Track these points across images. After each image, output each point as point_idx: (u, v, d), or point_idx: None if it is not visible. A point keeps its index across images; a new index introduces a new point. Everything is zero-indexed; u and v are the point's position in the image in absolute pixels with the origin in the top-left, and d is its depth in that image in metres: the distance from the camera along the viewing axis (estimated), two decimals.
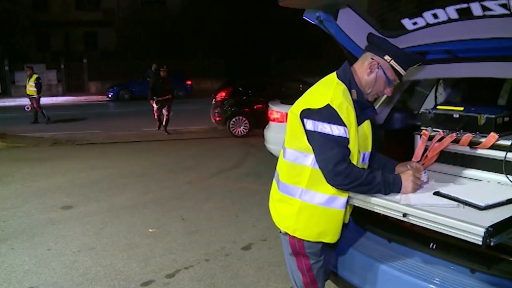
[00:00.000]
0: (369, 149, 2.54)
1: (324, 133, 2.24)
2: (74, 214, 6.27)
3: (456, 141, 2.92)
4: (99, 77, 29.60)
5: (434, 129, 3.15)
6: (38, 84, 15.57)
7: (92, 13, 36.82)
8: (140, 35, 33.02)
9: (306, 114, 2.30)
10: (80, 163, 9.51)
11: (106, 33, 36.77)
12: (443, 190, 2.37)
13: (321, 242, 2.43)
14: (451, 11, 2.61)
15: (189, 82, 27.21)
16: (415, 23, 2.89)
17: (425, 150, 3.07)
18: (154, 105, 13.13)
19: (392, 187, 2.30)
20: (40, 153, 10.94)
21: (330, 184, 2.27)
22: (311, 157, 2.32)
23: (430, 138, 3.08)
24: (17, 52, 30.77)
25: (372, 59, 2.38)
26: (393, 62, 2.33)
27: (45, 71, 28.54)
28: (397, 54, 2.34)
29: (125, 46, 33.48)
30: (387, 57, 2.33)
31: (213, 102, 13.60)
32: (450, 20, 2.68)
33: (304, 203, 2.36)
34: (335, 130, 2.23)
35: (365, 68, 2.39)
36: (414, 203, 2.19)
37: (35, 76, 15.83)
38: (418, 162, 2.81)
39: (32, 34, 34.20)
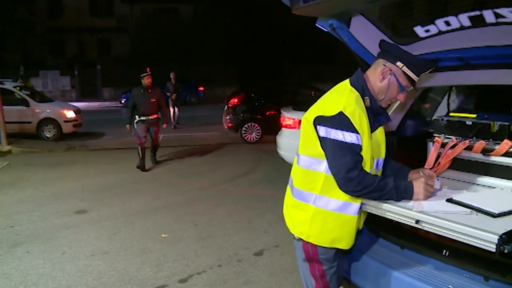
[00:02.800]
0: (383, 156, 2.55)
1: (337, 140, 2.26)
2: (88, 219, 6.33)
3: (469, 148, 2.92)
4: (112, 83, 29.84)
5: (447, 136, 3.15)
6: None
7: (106, 20, 37.18)
8: (153, 42, 33.24)
9: (319, 121, 2.32)
10: (93, 168, 9.59)
11: (120, 39, 37.10)
12: (456, 197, 2.37)
13: (335, 248, 2.44)
14: (464, 19, 2.62)
15: (201, 88, 27.34)
16: (427, 31, 2.90)
17: (438, 157, 3.07)
18: (132, 132, 9.37)
19: (404, 194, 2.31)
20: (54, 158, 11.07)
21: (343, 191, 2.29)
22: (325, 163, 2.33)
23: (443, 145, 3.08)
24: (32, 58, 31.19)
25: (384, 65, 2.39)
26: (405, 68, 2.34)
27: (59, 77, 28.89)
28: (409, 60, 2.35)
29: (138, 52, 33.73)
30: (399, 64, 2.35)
31: (226, 108, 13.64)
32: (462, 28, 2.69)
33: (318, 209, 2.37)
34: (348, 137, 2.25)
35: (378, 75, 2.40)
36: (427, 210, 2.19)
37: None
38: (430, 169, 2.81)
39: (47, 40, 34.68)
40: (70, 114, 14.03)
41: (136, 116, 9.20)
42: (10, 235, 5.68)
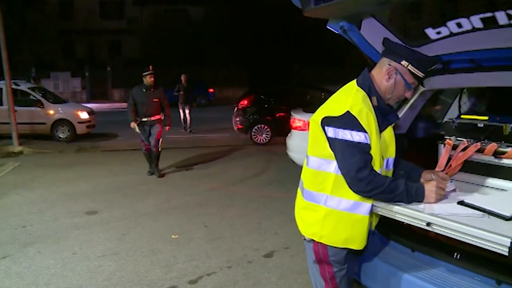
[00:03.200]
0: (393, 155, 2.55)
1: (345, 140, 2.26)
2: (98, 219, 6.37)
3: (480, 151, 2.90)
4: (123, 85, 29.97)
5: (458, 138, 3.13)
6: None
7: (116, 21, 37.49)
8: (163, 44, 33.38)
9: (327, 121, 2.33)
10: (104, 169, 9.65)
11: (130, 41, 37.39)
12: (468, 199, 2.36)
13: (347, 249, 2.43)
14: (476, 20, 2.61)
15: (211, 90, 27.42)
16: (438, 33, 2.89)
17: (449, 159, 3.05)
18: (136, 129, 8.68)
19: (415, 197, 2.31)
20: (65, 159, 11.17)
21: (353, 191, 2.29)
22: (334, 163, 2.34)
23: (454, 148, 3.06)
24: (44, 60, 31.48)
25: (389, 65, 2.40)
26: (410, 67, 2.34)
27: (70, 79, 29.11)
28: (414, 58, 2.35)
29: (148, 54, 33.86)
30: (404, 62, 2.35)
31: (235, 110, 13.66)
32: (474, 29, 2.68)
33: (329, 210, 2.37)
34: (356, 136, 2.25)
35: (383, 75, 2.41)
36: (438, 212, 2.19)
37: None
38: (441, 171, 2.80)
39: (58, 42, 35.00)
40: (84, 115, 14.14)
41: (137, 118, 8.61)
42: (22, 235, 5.73)
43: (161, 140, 8.87)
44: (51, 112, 13.80)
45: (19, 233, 5.80)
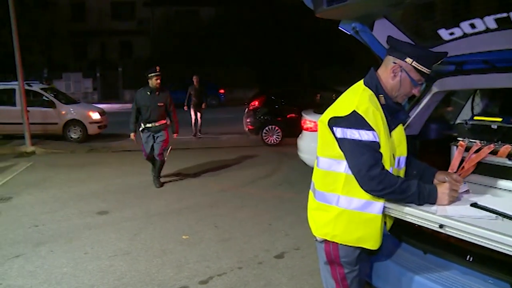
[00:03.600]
0: (405, 154, 2.54)
1: (354, 139, 2.27)
2: (110, 220, 6.41)
3: (494, 153, 2.88)
4: (134, 85, 30.04)
5: (471, 140, 3.11)
6: None
7: (127, 22, 37.67)
8: (174, 44, 33.50)
9: (334, 122, 2.34)
10: (115, 170, 9.70)
11: (141, 42, 37.53)
12: (481, 202, 2.35)
13: (360, 249, 2.43)
14: (490, 21, 2.58)
15: (222, 91, 27.46)
16: (452, 33, 2.86)
17: (462, 161, 3.03)
18: (141, 136, 8.13)
19: (427, 199, 2.30)
20: (76, 159, 11.26)
21: (364, 190, 2.29)
22: (344, 163, 2.34)
23: (467, 149, 3.04)
24: (56, 61, 31.75)
25: (394, 63, 2.40)
26: (415, 63, 2.34)
27: (81, 79, 29.31)
28: (419, 55, 2.34)
29: (159, 55, 34.02)
30: (408, 60, 2.35)
31: (246, 111, 13.66)
32: (488, 30, 2.65)
33: (341, 209, 2.37)
34: (364, 135, 2.25)
35: (389, 73, 2.42)
36: (451, 214, 2.17)
37: None
38: (454, 173, 2.78)
39: (70, 43, 35.29)
40: (96, 115, 14.23)
41: (141, 124, 8.02)
42: (35, 234, 5.79)
43: (169, 148, 8.38)
44: (63, 112, 13.92)
45: (32, 232, 5.86)
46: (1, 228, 6.01)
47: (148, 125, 7.95)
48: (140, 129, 8.02)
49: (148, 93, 7.92)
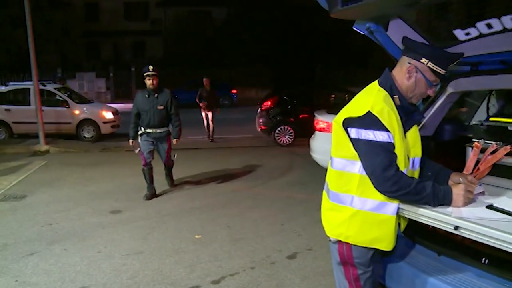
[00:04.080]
0: (419, 155, 2.53)
1: (368, 140, 2.26)
2: (123, 219, 6.44)
3: (510, 154, 2.85)
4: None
5: (487, 141, 3.08)
6: None
7: (140, 23, 37.94)
8: (186, 45, 33.63)
9: (349, 122, 2.34)
10: (128, 169, 9.73)
11: (154, 42, 37.78)
12: (497, 203, 2.33)
13: (373, 250, 2.42)
14: (507, 21, 2.56)
15: (234, 91, 27.51)
16: (467, 34, 2.84)
17: (477, 162, 3.00)
18: (139, 141, 7.44)
19: (442, 200, 2.28)
20: (90, 159, 11.34)
21: (378, 191, 2.28)
22: (359, 164, 2.34)
23: (483, 151, 3.01)
24: (69, 61, 32.05)
25: (409, 63, 2.38)
26: (430, 64, 2.32)
27: (94, 79, 29.50)
28: (434, 55, 2.33)
29: (171, 55, 34.19)
30: (424, 60, 2.33)
31: (259, 111, 13.65)
32: (505, 30, 2.63)
33: (355, 210, 2.37)
34: (379, 136, 2.25)
35: (404, 73, 2.40)
36: (467, 216, 2.15)
37: None
38: (469, 174, 2.75)
39: (83, 43, 35.63)
40: (109, 115, 14.32)
41: (142, 128, 7.31)
42: (49, 232, 5.84)
43: (175, 155, 7.96)
44: (77, 112, 14.00)
45: (46, 230, 5.91)
46: (16, 225, 6.09)
47: (149, 130, 7.28)
48: (140, 133, 7.34)
49: (147, 95, 7.26)
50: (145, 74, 7.15)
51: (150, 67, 7.15)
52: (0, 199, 7.43)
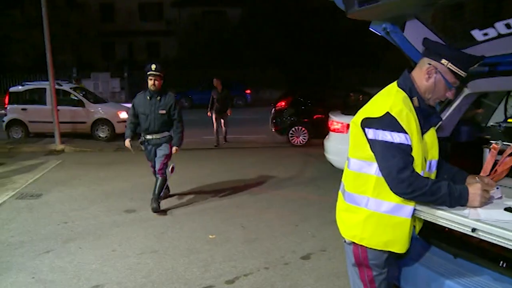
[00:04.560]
0: (436, 157, 2.51)
1: (385, 141, 2.24)
2: (137, 218, 6.48)
3: None
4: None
5: (505, 143, 3.04)
6: None
7: (155, 23, 38.17)
8: (201, 45, 33.73)
9: (367, 123, 2.32)
10: (142, 169, 9.73)
11: (168, 42, 37.96)
12: None
13: (388, 252, 2.41)
14: None
15: (248, 92, 27.53)
16: (485, 34, 2.81)
17: (495, 164, 2.97)
18: (131, 150, 7.06)
19: (458, 200, 2.26)
20: (104, 158, 11.44)
21: (394, 192, 2.27)
22: (375, 165, 2.32)
23: (500, 152, 2.98)
24: (84, 61, 32.37)
25: (429, 64, 2.36)
26: (450, 65, 2.30)
27: (109, 79, 29.72)
28: (454, 56, 2.30)
29: (186, 55, 34.31)
30: (444, 61, 2.31)
31: (273, 111, 13.63)
32: None
33: (371, 212, 2.36)
34: (396, 137, 2.23)
35: (423, 74, 2.38)
36: (484, 218, 2.13)
37: None
38: (487, 176, 2.73)
39: (98, 43, 35.95)
40: (123, 115, 14.37)
41: (141, 135, 6.81)
42: (64, 230, 5.90)
43: (171, 166, 6.87)
44: (92, 111, 14.15)
45: (61, 228, 5.98)
46: (32, 223, 6.16)
47: (148, 136, 6.67)
48: (140, 140, 6.83)
49: (148, 97, 6.57)
50: (148, 73, 6.45)
51: (153, 66, 6.42)
52: (16, 197, 7.52)
